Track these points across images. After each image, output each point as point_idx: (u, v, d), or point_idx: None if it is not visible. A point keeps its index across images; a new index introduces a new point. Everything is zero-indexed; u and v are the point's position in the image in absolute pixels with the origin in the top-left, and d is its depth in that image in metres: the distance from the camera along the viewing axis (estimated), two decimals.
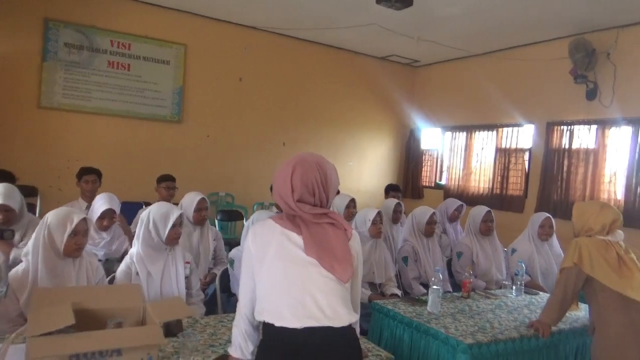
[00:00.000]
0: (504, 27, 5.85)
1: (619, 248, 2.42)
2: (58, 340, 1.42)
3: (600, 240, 2.42)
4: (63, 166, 5.39)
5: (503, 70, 6.79)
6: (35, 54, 5.28)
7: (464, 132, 7.44)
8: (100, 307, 1.71)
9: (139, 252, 2.50)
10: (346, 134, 7.68)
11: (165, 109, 6.11)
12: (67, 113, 5.49)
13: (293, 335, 1.49)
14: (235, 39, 6.51)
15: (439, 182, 7.97)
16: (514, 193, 6.69)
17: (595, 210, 2.48)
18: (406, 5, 4.07)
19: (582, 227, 2.50)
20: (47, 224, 2.26)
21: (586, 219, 2.48)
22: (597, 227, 2.44)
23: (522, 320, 2.57)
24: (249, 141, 6.77)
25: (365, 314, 2.86)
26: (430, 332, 2.33)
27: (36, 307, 1.63)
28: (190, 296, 2.63)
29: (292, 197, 1.60)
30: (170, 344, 1.92)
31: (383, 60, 7.88)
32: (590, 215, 2.47)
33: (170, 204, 2.66)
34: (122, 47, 5.76)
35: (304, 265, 1.55)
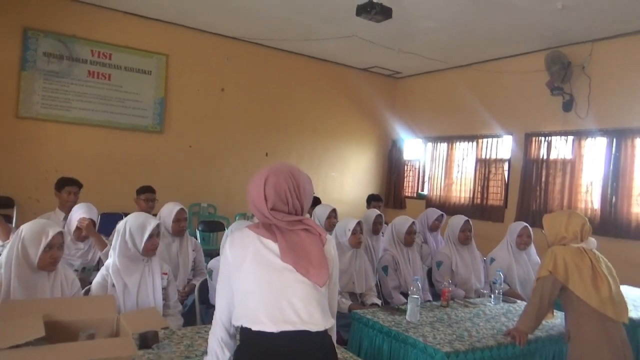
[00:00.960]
0: (481, 40, 5.98)
1: (593, 255, 2.47)
2: (27, 353, 1.39)
3: (575, 248, 2.47)
4: (41, 177, 5.30)
5: (482, 82, 6.91)
6: (13, 63, 5.22)
7: (445, 143, 7.53)
8: (72, 319, 1.68)
9: (115, 263, 2.47)
10: (329, 144, 7.72)
11: (147, 119, 6.08)
12: (46, 123, 5.42)
13: (269, 340, 1.49)
14: (217, 49, 6.53)
15: (421, 193, 8.04)
16: (494, 203, 6.78)
17: (564, 218, 2.53)
18: (385, 17, 4.13)
19: (555, 236, 2.54)
20: (21, 236, 2.22)
21: (557, 228, 2.52)
22: (570, 235, 2.49)
23: (499, 329, 2.59)
24: (232, 152, 6.76)
25: (345, 324, 2.87)
26: (408, 341, 2.33)
27: (5, 319, 1.59)
28: (168, 307, 2.60)
29: (266, 206, 1.62)
30: (145, 356, 1.89)
31: (365, 72, 7.97)
32: (560, 224, 2.52)
33: (148, 214, 2.63)
34: (103, 56, 5.73)
35: (280, 271, 1.56)
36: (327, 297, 1.65)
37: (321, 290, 1.59)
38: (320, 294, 1.58)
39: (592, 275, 2.37)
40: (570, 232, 2.50)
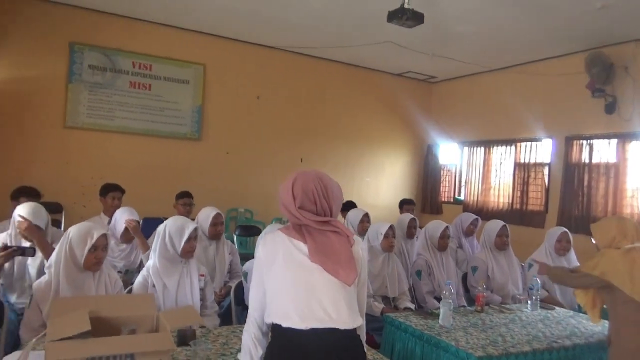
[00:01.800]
0: (518, 42, 5.88)
1: None
2: (74, 345, 1.49)
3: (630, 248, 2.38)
4: (87, 183, 5.54)
5: (520, 85, 6.78)
6: (61, 76, 5.51)
7: (482, 147, 7.42)
8: (116, 315, 1.77)
9: (156, 264, 2.57)
10: (363, 149, 7.74)
11: (185, 127, 6.27)
12: (91, 132, 5.69)
13: (299, 336, 1.55)
14: (252, 58, 6.68)
15: (458, 197, 7.93)
16: (534, 208, 6.62)
17: (613, 223, 2.48)
18: (417, 22, 4.12)
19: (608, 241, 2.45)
20: (69, 238, 2.35)
21: (608, 232, 2.45)
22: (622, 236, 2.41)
23: (535, 335, 2.54)
24: (267, 158, 6.88)
25: (378, 327, 2.88)
26: (440, 345, 2.33)
27: (55, 314, 1.70)
28: (205, 307, 2.68)
29: (294, 205, 1.67)
30: (183, 352, 1.97)
31: (399, 77, 7.95)
32: (610, 228, 2.45)
33: (186, 218, 2.73)
34: (144, 68, 5.96)
35: (310, 271, 1.60)
36: (356, 296, 1.69)
37: (349, 290, 1.63)
38: (348, 293, 1.62)
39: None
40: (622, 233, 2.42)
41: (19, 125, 5.28)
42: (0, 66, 5.18)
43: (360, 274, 1.71)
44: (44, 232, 2.94)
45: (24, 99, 5.31)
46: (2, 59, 5.18)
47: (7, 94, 5.22)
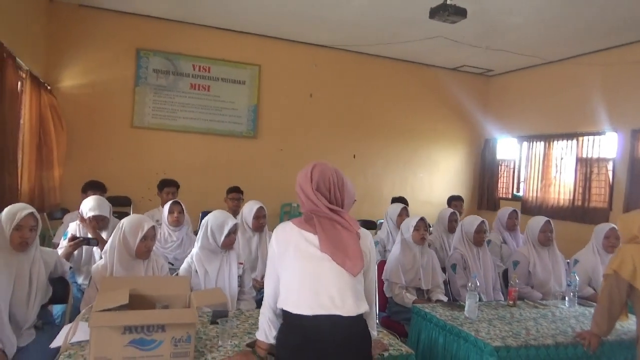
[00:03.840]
0: (576, 32, 5.64)
1: None
2: (114, 315, 1.73)
3: None
4: (152, 179, 5.95)
5: (581, 76, 6.49)
6: (129, 80, 6.00)
7: (541, 142, 7.16)
8: (153, 294, 2.01)
9: (198, 253, 2.82)
10: (417, 145, 7.72)
11: (242, 125, 6.59)
12: (156, 131, 6.14)
13: (306, 321, 1.69)
14: (305, 57, 6.88)
15: (516, 194, 7.71)
16: (597, 205, 6.32)
17: (638, 217, 2.40)
18: (460, 18, 4.11)
19: (627, 235, 2.43)
20: (122, 229, 2.64)
21: (630, 227, 2.40)
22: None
23: (564, 330, 2.52)
24: (320, 154, 7.04)
25: (409, 317, 2.96)
26: (461, 335, 2.38)
27: (103, 290, 1.96)
28: (243, 293, 2.89)
29: (311, 187, 1.80)
30: (214, 329, 2.19)
31: (454, 71, 7.84)
32: (633, 223, 2.39)
33: (228, 214, 2.92)
34: (203, 70, 6.34)
35: (318, 261, 1.74)
36: (364, 286, 1.81)
37: (356, 280, 1.75)
38: (354, 282, 1.74)
39: None
40: None
41: (91, 126, 5.82)
42: (75, 72, 5.74)
43: (368, 265, 1.83)
44: (107, 220, 3.30)
45: (96, 101, 5.85)
46: (76, 66, 5.74)
47: (82, 97, 5.78)
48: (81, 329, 1.91)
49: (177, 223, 3.59)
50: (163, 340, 1.76)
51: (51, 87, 5.49)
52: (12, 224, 2.29)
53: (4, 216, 2.32)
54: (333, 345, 1.69)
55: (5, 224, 2.29)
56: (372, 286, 1.88)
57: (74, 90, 5.75)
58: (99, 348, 1.70)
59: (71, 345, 1.90)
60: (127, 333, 1.72)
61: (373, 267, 1.88)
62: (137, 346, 1.73)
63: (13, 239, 2.29)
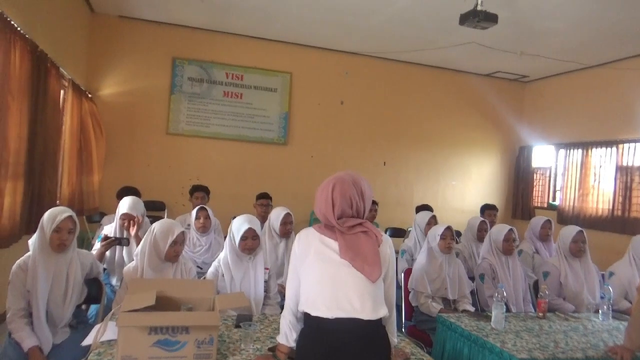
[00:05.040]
0: (616, 36, 5.48)
1: None
2: (140, 316, 1.80)
3: None
4: (186, 184, 6.12)
5: (622, 81, 6.29)
6: (165, 88, 6.19)
7: (579, 149, 6.97)
8: (179, 296, 2.07)
9: (226, 257, 2.88)
10: (449, 152, 7.63)
11: (273, 132, 6.69)
12: (190, 138, 6.31)
13: (325, 324, 1.72)
14: (336, 64, 6.93)
15: (552, 203, 7.51)
16: (638, 215, 6.09)
17: None
18: (491, 24, 4.06)
19: None
20: (153, 233, 2.73)
21: None
22: None
23: (595, 344, 2.44)
24: (351, 161, 7.08)
25: (434, 327, 2.93)
26: (486, 346, 2.34)
27: (131, 292, 2.04)
28: (268, 298, 2.93)
29: (333, 213, 1.83)
30: (238, 333, 2.23)
31: (488, 77, 7.73)
32: None
33: (248, 218, 2.95)
34: (236, 78, 6.48)
35: (338, 266, 1.77)
36: (383, 291, 1.82)
37: (375, 285, 1.77)
38: (373, 287, 1.76)
39: None
40: None
41: (128, 132, 6.04)
42: (114, 81, 5.98)
43: (387, 272, 1.84)
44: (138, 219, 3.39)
45: (133, 109, 6.07)
46: (115, 75, 5.98)
47: (119, 105, 6.00)
48: (110, 328, 1.99)
49: (203, 229, 3.66)
50: (187, 342, 1.81)
51: (92, 94, 5.73)
52: (52, 226, 2.41)
53: (45, 219, 2.44)
54: (352, 348, 1.71)
55: (45, 226, 2.42)
56: (392, 292, 1.89)
57: (112, 98, 5.99)
58: (126, 347, 1.77)
59: (101, 344, 1.98)
60: (152, 334, 1.78)
61: (392, 272, 1.89)
62: (162, 347, 1.79)
63: (52, 241, 2.41)
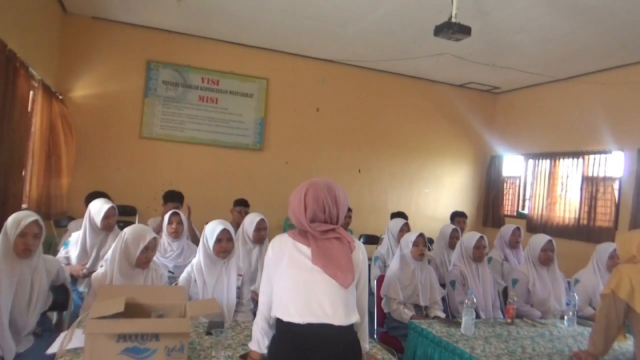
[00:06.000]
0: (582, 51, 5.66)
1: None
2: (108, 323, 1.76)
3: None
4: (158, 189, 5.99)
5: (587, 95, 6.50)
6: (138, 91, 6.10)
7: (547, 160, 7.15)
8: (149, 302, 2.04)
9: (199, 261, 2.85)
10: (423, 161, 7.73)
11: (248, 138, 6.66)
12: (163, 142, 6.23)
13: (297, 329, 1.73)
14: (312, 71, 6.96)
15: (522, 211, 7.68)
16: (602, 224, 6.28)
17: (636, 237, 2.41)
18: (465, 36, 4.14)
19: (626, 255, 2.43)
20: (124, 238, 2.68)
21: (628, 246, 2.41)
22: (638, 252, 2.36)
23: (560, 349, 2.51)
24: (326, 168, 7.10)
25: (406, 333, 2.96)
26: (456, 352, 2.38)
27: (100, 298, 2.00)
28: (241, 305, 2.91)
29: (305, 216, 1.85)
30: (209, 340, 2.21)
31: (461, 88, 7.88)
32: (631, 242, 2.40)
33: (222, 221, 2.94)
34: (212, 82, 6.44)
35: (311, 272, 1.78)
36: (356, 297, 1.84)
37: (347, 291, 1.78)
38: (346, 293, 1.77)
39: None
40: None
41: (100, 135, 5.92)
42: (86, 82, 5.86)
43: (359, 278, 1.86)
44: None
45: (105, 111, 5.95)
46: (88, 76, 5.86)
47: (91, 107, 5.88)
48: (77, 336, 1.95)
49: (175, 234, 3.61)
50: (157, 349, 1.79)
51: (63, 96, 5.60)
52: (16, 230, 2.34)
53: (9, 223, 2.37)
54: (323, 354, 1.72)
55: (9, 230, 2.35)
56: (364, 298, 1.91)
57: (84, 100, 5.86)
58: (93, 355, 1.73)
59: (67, 352, 1.94)
60: (121, 341, 1.75)
61: (364, 279, 1.91)
62: (131, 354, 1.76)
63: (17, 246, 2.34)
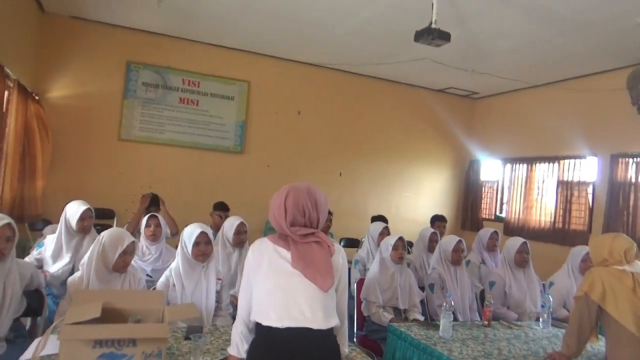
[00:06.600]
0: (559, 58, 5.79)
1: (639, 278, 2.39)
2: (84, 328, 1.74)
3: (617, 270, 2.40)
4: (137, 192, 5.92)
5: (564, 101, 6.64)
6: (118, 92, 6.03)
7: (524, 164, 7.28)
8: (127, 307, 2.02)
9: (178, 266, 2.83)
10: (403, 164, 7.80)
11: (229, 140, 6.63)
12: (143, 144, 6.16)
13: (276, 333, 1.72)
14: (294, 75, 6.97)
15: (499, 215, 7.80)
16: (577, 228, 6.42)
17: (608, 241, 2.48)
18: (445, 41, 4.20)
19: (598, 258, 2.49)
20: (102, 242, 2.64)
21: (600, 250, 2.47)
22: (613, 257, 2.43)
23: (535, 351, 2.56)
24: (307, 171, 7.09)
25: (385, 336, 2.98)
26: (434, 354, 2.41)
27: (76, 303, 1.97)
28: (220, 309, 2.90)
29: (285, 220, 1.85)
30: (187, 345, 2.19)
31: (440, 93, 7.98)
32: (604, 246, 2.46)
33: (199, 224, 2.92)
34: (192, 84, 6.39)
35: (290, 276, 1.79)
36: (336, 301, 1.85)
37: (327, 295, 1.79)
38: (325, 297, 1.78)
39: (632, 298, 2.30)
40: (614, 254, 2.44)
41: (78, 137, 5.82)
42: (64, 83, 5.77)
43: (339, 281, 1.87)
44: None
45: (83, 113, 5.86)
46: (66, 77, 5.77)
47: (69, 108, 5.79)
48: (51, 342, 1.91)
49: (153, 237, 3.57)
50: (134, 355, 1.76)
51: (39, 97, 5.50)
52: None
53: None
54: (303, 358, 1.72)
55: None
56: (344, 302, 1.92)
57: (62, 101, 5.76)
58: None
59: (41, 359, 1.90)
60: (97, 347, 1.72)
61: (344, 282, 1.92)
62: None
63: None
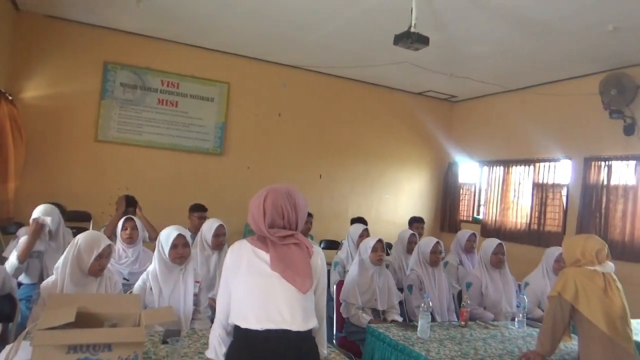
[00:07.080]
0: (535, 63, 5.92)
1: (610, 279, 2.45)
2: (58, 333, 1.71)
3: (588, 269, 2.46)
4: (114, 194, 5.83)
5: (539, 105, 6.78)
6: (95, 93, 5.93)
7: (501, 167, 7.41)
8: (102, 312, 1.99)
9: (155, 269, 2.80)
10: (383, 167, 7.85)
11: (209, 142, 6.59)
12: (120, 146, 6.07)
13: (255, 336, 1.72)
14: (274, 76, 6.96)
15: (477, 217, 7.91)
16: (551, 229, 6.56)
17: (580, 242, 2.54)
18: (423, 45, 4.25)
19: (570, 259, 2.55)
20: (77, 245, 2.59)
21: (572, 250, 2.53)
22: (585, 258, 2.49)
23: (511, 350, 2.61)
24: (287, 173, 7.08)
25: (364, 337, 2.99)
26: (412, 355, 2.44)
27: (49, 308, 1.93)
28: (198, 312, 2.88)
29: (264, 221, 1.85)
30: (164, 350, 2.17)
31: (420, 96, 8.07)
32: (576, 247, 2.52)
33: (176, 227, 2.90)
34: (171, 86, 6.33)
35: (269, 278, 1.79)
36: (314, 302, 1.85)
37: (306, 296, 1.79)
38: (304, 299, 1.78)
39: (603, 297, 2.36)
40: (586, 255, 2.50)
41: (53, 138, 5.71)
42: (39, 83, 5.65)
43: (318, 283, 1.88)
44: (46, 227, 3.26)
45: (59, 113, 5.75)
46: (41, 77, 5.65)
47: (45, 109, 5.67)
48: (23, 348, 1.87)
49: (130, 240, 3.53)
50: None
51: (13, 97, 5.37)
52: None
53: None
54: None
55: None
56: (322, 303, 1.93)
57: (36, 102, 5.65)
58: None
59: None
60: (71, 352, 1.70)
61: (323, 284, 1.93)
62: None
63: None
